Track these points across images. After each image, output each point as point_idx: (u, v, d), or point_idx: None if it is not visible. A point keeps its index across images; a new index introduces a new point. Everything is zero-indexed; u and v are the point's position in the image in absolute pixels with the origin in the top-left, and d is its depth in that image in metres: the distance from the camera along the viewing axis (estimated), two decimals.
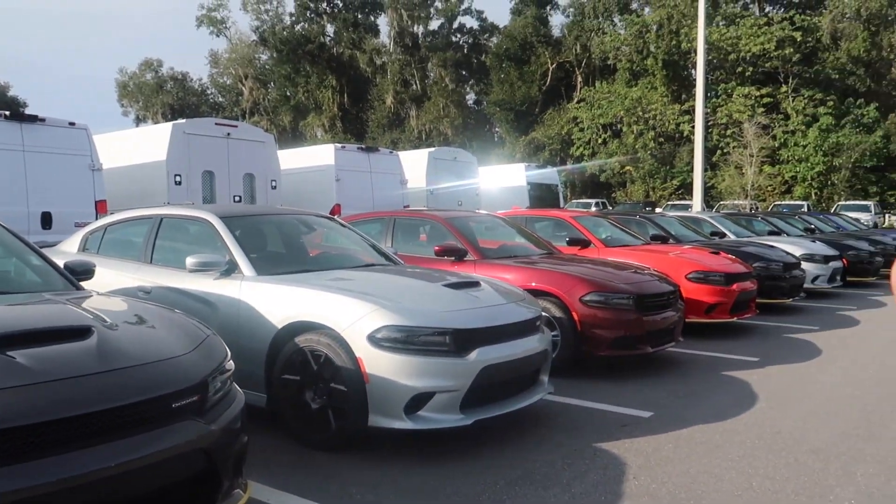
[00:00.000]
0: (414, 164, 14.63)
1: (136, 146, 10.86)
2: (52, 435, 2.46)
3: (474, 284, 5.10)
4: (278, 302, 4.60)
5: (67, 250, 5.89)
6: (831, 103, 39.82)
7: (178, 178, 10.15)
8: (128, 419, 2.65)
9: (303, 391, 4.33)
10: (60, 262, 4.23)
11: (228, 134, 11.12)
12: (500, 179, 17.90)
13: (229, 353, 3.33)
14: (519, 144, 48.70)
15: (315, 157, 13.26)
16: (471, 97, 59.00)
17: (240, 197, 11.04)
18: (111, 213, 6.70)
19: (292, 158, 13.09)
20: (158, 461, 2.68)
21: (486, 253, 7.33)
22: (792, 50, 39.72)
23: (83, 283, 4.11)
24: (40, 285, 3.95)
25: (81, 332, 2.92)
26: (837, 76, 41.53)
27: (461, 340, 4.30)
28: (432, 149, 15.75)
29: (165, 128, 10.64)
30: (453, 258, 6.94)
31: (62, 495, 2.42)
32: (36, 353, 2.67)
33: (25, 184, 8.52)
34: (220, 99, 62.68)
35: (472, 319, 4.50)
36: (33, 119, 9.00)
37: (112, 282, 5.21)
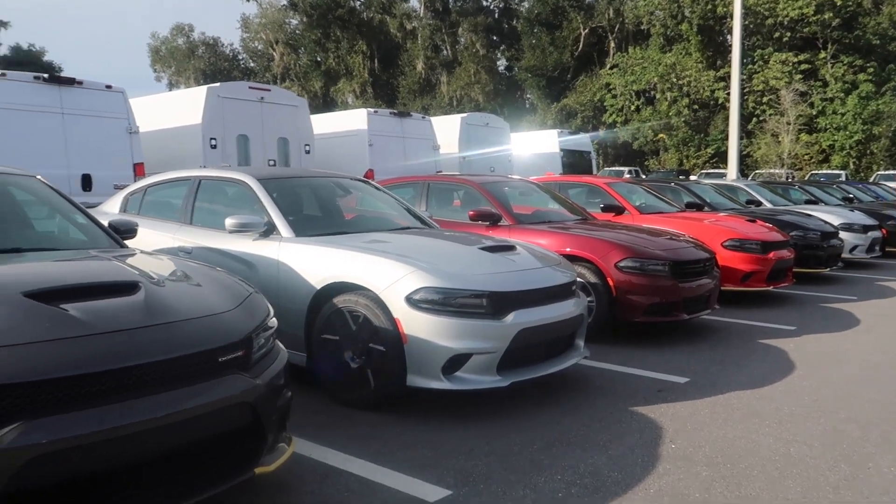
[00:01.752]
0: (446, 129, 14.55)
1: (171, 110, 10.93)
2: (104, 385, 2.52)
3: (510, 248, 5.10)
4: (316, 263, 4.64)
5: (109, 211, 5.98)
6: (872, 70, 38.66)
7: (213, 142, 10.22)
8: (175, 372, 2.70)
9: (342, 351, 4.39)
10: (104, 222, 4.30)
11: (262, 98, 11.14)
12: (532, 146, 17.76)
13: (272, 311, 3.37)
14: (550, 111, 48.13)
15: (348, 121, 13.24)
16: (502, 63, 58.27)
17: (274, 161, 11.08)
18: (149, 176, 6.78)
19: (325, 123, 13.09)
20: (205, 413, 2.73)
21: (521, 218, 7.31)
22: (831, 14, 38.51)
23: (126, 242, 4.19)
24: (86, 243, 4.02)
25: (130, 288, 2.97)
26: (878, 42, 40.22)
27: (498, 303, 4.32)
28: (465, 114, 15.64)
29: (200, 91, 10.68)
30: (487, 223, 6.93)
31: (113, 444, 2.48)
32: (87, 306, 2.73)
33: (65, 146, 8.64)
34: (252, 64, 62.69)
35: (509, 282, 4.51)
36: (71, 82, 9.08)
37: (153, 242, 5.29)
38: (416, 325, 4.16)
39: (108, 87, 9.41)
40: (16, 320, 2.54)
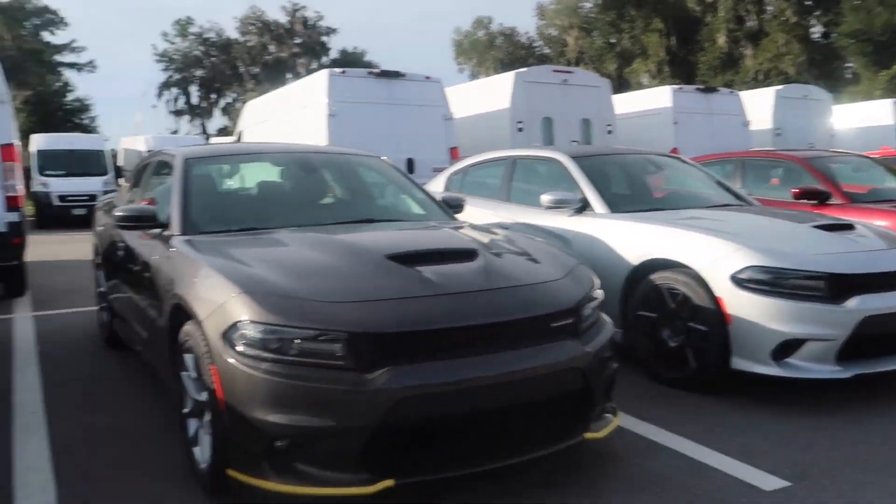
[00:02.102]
0: (758, 104, 13.52)
1: (480, 97, 11.52)
2: (453, 340, 2.74)
3: (849, 227, 4.62)
4: (632, 239, 4.59)
5: (434, 190, 6.48)
6: None
7: (520, 125, 10.58)
8: (513, 334, 2.85)
9: (659, 328, 4.29)
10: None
11: (565, 80, 11.28)
12: (859, 118, 15.77)
13: (597, 282, 3.40)
14: (878, 80, 42.26)
15: (651, 100, 12.90)
16: (816, 31, 52.43)
17: (577, 142, 11.17)
18: (462, 159, 7.21)
19: (626, 103, 12.90)
20: (540, 375, 2.84)
21: (854, 197, 6.55)
22: None
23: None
24: (425, 216, 4.42)
25: (470, 254, 3.21)
26: None
27: (837, 286, 3.92)
28: (779, 87, 14.37)
29: (508, 77, 11.12)
30: (815, 202, 6.31)
31: (460, 395, 2.69)
32: (437, 269, 2.99)
33: (393, 133, 9.56)
34: (547, 50, 63.76)
35: (850, 264, 4.08)
36: (396, 75, 10.03)
37: (475, 217, 5.61)
38: (742, 305, 3.93)
39: (427, 78, 10.21)
40: (383, 279, 2.88)
